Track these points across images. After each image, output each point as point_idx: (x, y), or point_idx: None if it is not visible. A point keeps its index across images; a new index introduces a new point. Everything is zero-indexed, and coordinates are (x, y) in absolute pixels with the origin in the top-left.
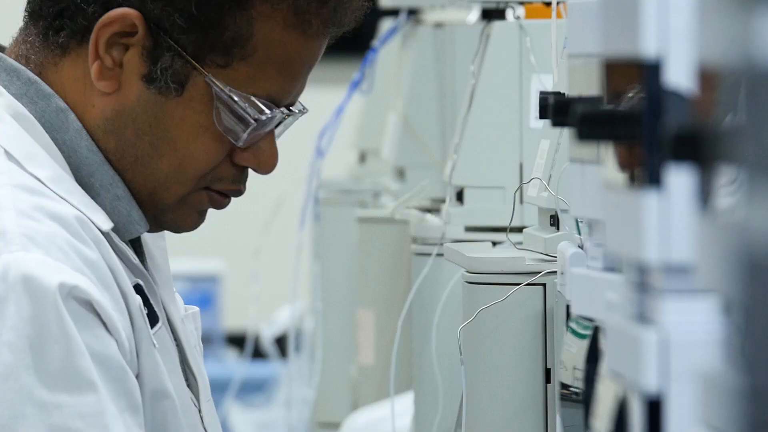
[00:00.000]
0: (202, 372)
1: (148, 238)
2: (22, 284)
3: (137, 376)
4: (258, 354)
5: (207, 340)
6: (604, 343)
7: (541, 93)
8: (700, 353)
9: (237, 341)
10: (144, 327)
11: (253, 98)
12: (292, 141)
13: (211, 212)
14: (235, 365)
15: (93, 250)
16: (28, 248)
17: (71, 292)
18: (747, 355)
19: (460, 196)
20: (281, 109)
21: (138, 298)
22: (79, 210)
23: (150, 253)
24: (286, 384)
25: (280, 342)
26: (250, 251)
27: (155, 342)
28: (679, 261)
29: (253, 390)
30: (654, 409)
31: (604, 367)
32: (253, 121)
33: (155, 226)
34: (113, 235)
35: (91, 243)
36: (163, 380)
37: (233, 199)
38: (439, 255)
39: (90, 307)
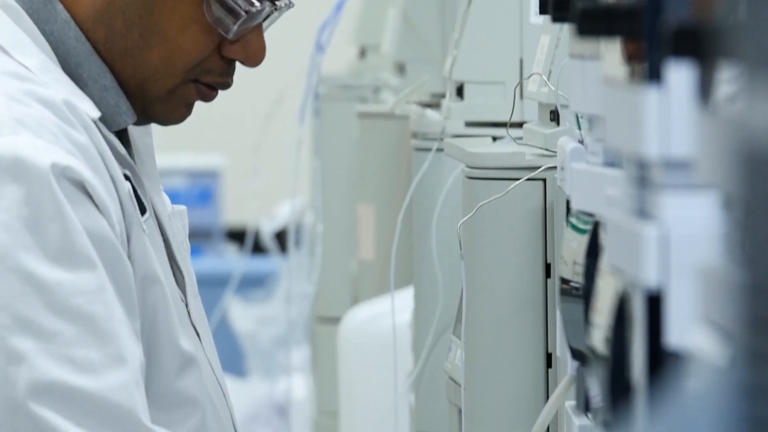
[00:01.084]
0: (189, 269)
1: (135, 135)
2: (14, 166)
3: (128, 260)
4: (258, 249)
5: (207, 235)
6: (604, 238)
7: None
8: (700, 248)
9: (237, 236)
10: (134, 212)
11: None
12: (293, 36)
13: (212, 107)
14: (235, 260)
15: (82, 134)
16: (18, 131)
17: (63, 172)
18: (746, 250)
19: (460, 91)
20: (268, 2)
21: (127, 184)
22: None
23: (137, 149)
24: (286, 279)
25: (280, 237)
26: (250, 146)
27: (145, 228)
28: (679, 156)
29: (253, 285)
30: (654, 303)
31: (604, 262)
32: (243, 13)
33: (143, 118)
34: (101, 125)
35: (80, 127)
36: (152, 265)
37: (233, 95)
38: (439, 150)
39: (82, 187)
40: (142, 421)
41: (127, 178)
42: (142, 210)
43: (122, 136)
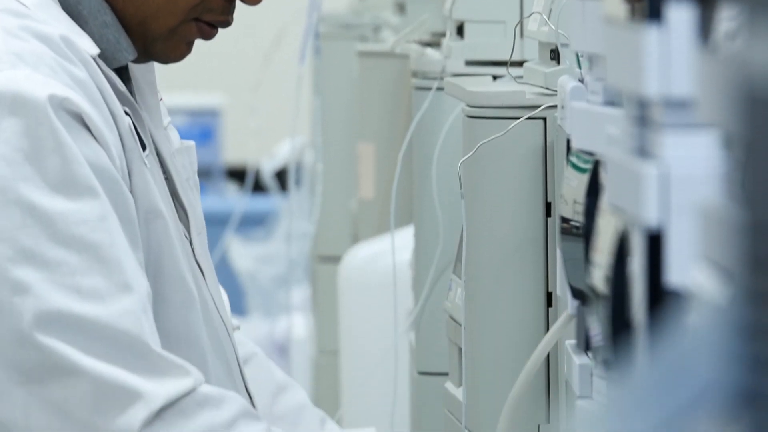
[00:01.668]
0: (193, 205)
1: (137, 71)
2: (12, 100)
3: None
4: (258, 188)
5: (207, 174)
6: (605, 177)
7: None
8: (700, 187)
9: (237, 175)
10: (135, 147)
11: None
12: None
13: (212, 46)
14: (235, 199)
15: (81, 69)
16: (16, 66)
17: (62, 104)
18: (746, 189)
19: (460, 30)
20: None
21: (127, 119)
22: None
23: (138, 86)
24: (286, 218)
25: (281, 176)
26: (250, 85)
27: (146, 162)
28: (680, 95)
29: (253, 224)
30: (654, 242)
31: (605, 201)
32: None
33: (143, 57)
34: (100, 62)
35: (78, 63)
36: (155, 200)
37: (234, 33)
38: (440, 89)
39: (80, 119)
40: (151, 346)
41: (127, 114)
42: (143, 147)
43: (123, 73)
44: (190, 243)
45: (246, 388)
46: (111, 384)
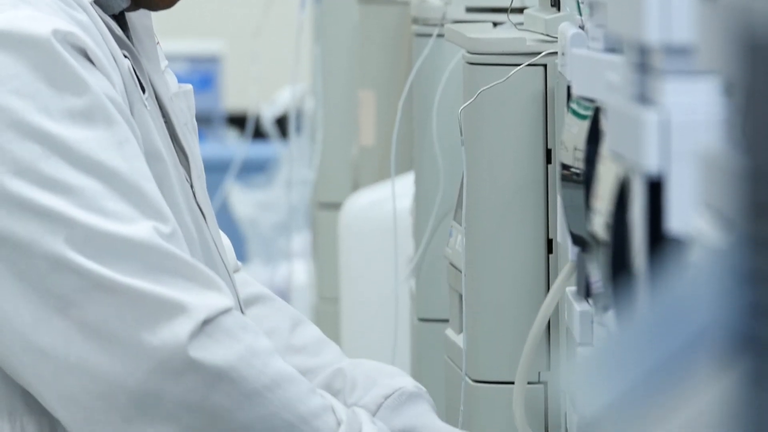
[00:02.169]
0: (193, 150)
1: (133, 17)
2: (17, 39)
3: None
4: (259, 134)
5: (207, 120)
6: (605, 124)
7: None
8: (701, 134)
9: (238, 122)
10: (135, 90)
11: None
12: None
13: None
14: (235, 145)
15: (81, 13)
16: (17, 6)
17: (66, 38)
18: (747, 136)
19: None
20: None
21: (127, 62)
22: None
23: (135, 32)
24: (286, 164)
25: (281, 122)
26: (251, 32)
27: (146, 104)
28: (680, 41)
29: (253, 170)
30: (654, 189)
31: (605, 148)
32: None
33: (134, 5)
34: (97, 8)
35: (78, 7)
36: (155, 142)
37: None
38: (440, 36)
39: (84, 53)
40: (186, 259)
41: (126, 57)
42: (142, 90)
43: (119, 20)
44: (191, 186)
45: None
46: (151, 298)
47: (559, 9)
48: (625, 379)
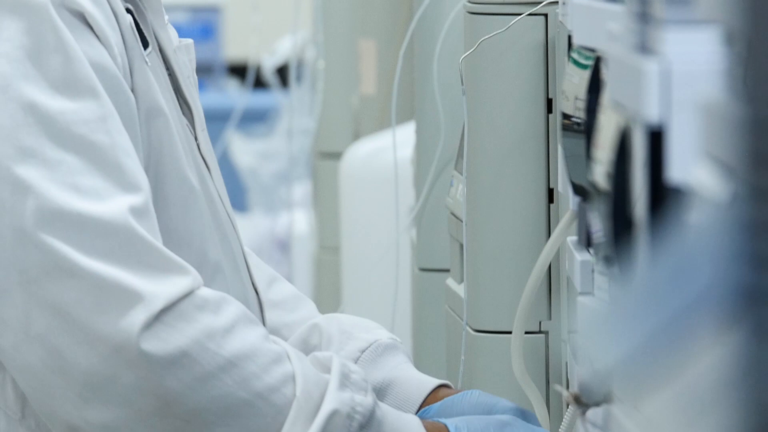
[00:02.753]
0: (196, 103)
1: None
2: (16, 1)
3: (131, 93)
4: (259, 84)
5: (208, 70)
6: (606, 73)
7: None
8: (702, 83)
9: (238, 71)
10: (135, 45)
11: None
12: None
13: None
14: (236, 95)
15: None
16: None
17: (63, 3)
18: (748, 85)
19: None
20: None
21: (129, 17)
22: None
23: None
24: (287, 114)
25: (282, 72)
26: None
27: (148, 60)
28: None
29: (254, 120)
30: (655, 138)
31: (606, 97)
32: None
33: None
34: None
35: None
36: (156, 98)
37: None
38: None
39: (82, 18)
40: (152, 243)
41: (129, 11)
42: (145, 44)
43: None
44: (195, 139)
45: (252, 282)
46: (111, 285)
47: None
48: (633, 335)
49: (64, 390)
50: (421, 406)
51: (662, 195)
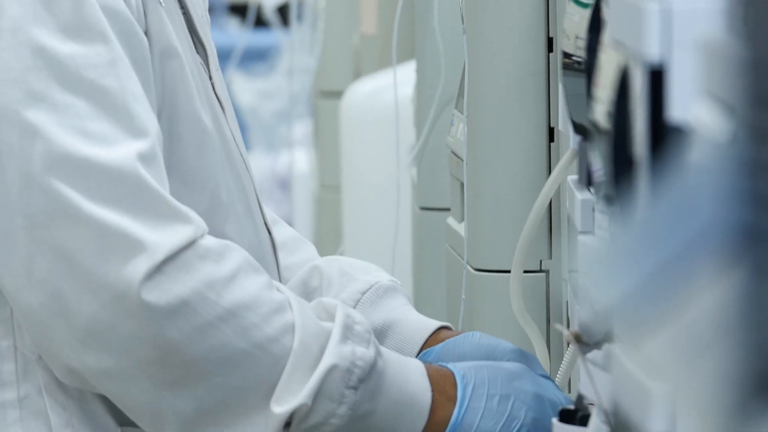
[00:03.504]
0: (210, 42)
1: None
2: None
3: (145, 35)
4: (260, 22)
5: (209, 9)
6: (607, 12)
7: None
8: (703, 22)
9: (239, 10)
10: None
11: None
12: None
13: None
14: (237, 34)
15: None
16: None
17: None
18: (749, 24)
19: None
20: None
21: None
22: None
23: None
24: (288, 53)
25: (282, 10)
26: None
27: (162, 1)
28: None
29: (255, 59)
30: (656, 77)
31: (607, 36)
32: None
33: None
34: None
35: None
36: (170, 39)
37: None
38: None
39: None
40: (157, 190)
41: None
42: None
43: None
44: (210, 78)
45: (265, 223)
46: (115, 233)
47: None
48: (633, 274)
49: (64, 335)
50: (422, 348)
51: (663, 134)
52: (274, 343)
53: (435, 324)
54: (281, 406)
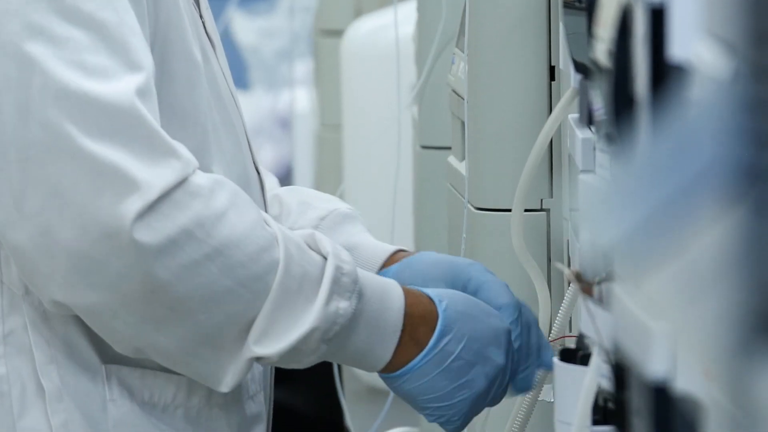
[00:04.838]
0: None
1: None
2: None
3: None
4: None
5: None
6: None
7: None
8: None
9: None
10: None
11: None
12: None
13: None
14: None
15: None
16: None
17: None
18: None
19: None
20: None
21: None
22: None
23: None
24: None
25: None
26: None
27: None
28: None
29: None
30: (657, 16)
31: None
32: None
33: None
34: None
35: None
36: None
37: None
38: None
39: None
40: (152, 125)
41: None
42: None
43: None
44: (201, 17)
45: (254, 161)
46: (109, 170)
47: None
48: (634, 212)
49: (52, 269)
50: (380, 270)
51: (663, 72)
52: (257, 281)
53: (393, 247)
54: (259, 348)
